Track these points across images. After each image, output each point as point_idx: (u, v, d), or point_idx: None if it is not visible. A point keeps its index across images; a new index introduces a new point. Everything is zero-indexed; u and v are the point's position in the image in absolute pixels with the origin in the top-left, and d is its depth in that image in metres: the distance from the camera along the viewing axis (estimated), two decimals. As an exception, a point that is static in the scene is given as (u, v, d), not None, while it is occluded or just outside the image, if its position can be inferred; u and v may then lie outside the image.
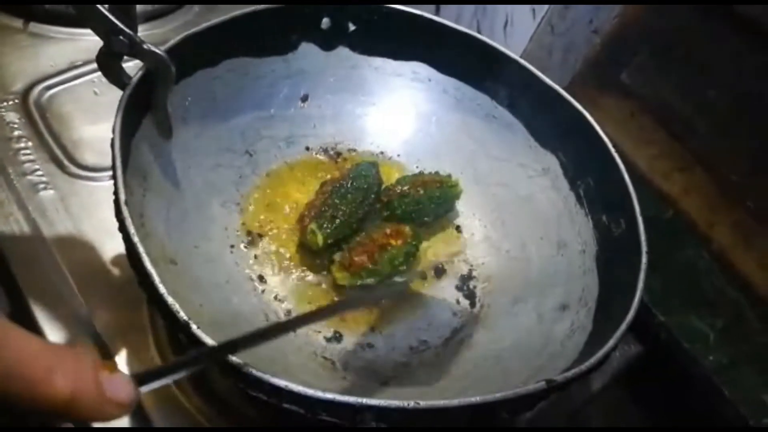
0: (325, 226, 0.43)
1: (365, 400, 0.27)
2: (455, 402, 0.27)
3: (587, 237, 0.43)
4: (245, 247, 0.43)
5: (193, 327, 0.27)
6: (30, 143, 0.50)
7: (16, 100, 0.52)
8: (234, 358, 0.27)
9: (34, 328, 0.41)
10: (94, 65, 0.54)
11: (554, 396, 0.36)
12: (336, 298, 0.43)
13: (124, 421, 0.39)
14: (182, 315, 0.28)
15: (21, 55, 0.55)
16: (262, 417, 0.39)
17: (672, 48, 0.54)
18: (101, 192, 0.48)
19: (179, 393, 0.40)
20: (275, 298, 0.42)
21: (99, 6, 0.34)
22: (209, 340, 0.27)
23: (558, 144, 0.46)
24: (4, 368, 0.18)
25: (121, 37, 0.36)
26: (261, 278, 0.42)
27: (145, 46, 0.36)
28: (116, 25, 0.35)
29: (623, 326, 0.33)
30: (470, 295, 0.45)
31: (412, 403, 0.27)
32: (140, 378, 0.22)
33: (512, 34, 0.65)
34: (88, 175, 0.49)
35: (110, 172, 0.48)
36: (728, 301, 0.51)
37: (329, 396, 0.26)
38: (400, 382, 0.38)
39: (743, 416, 0.46)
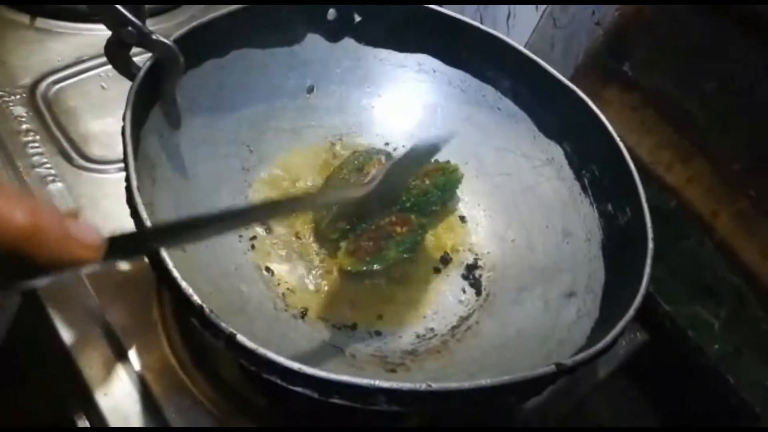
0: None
1: (378, 382, 0.27)
2: (466, 385, 0.27)
3: (592, 225, 0.43)
4: (253, 236, 0.44)
5: (207, 311, 0.28)
6: (38, 137, 0.50)
7: (24, 95, 0.52)
8: (247, 341, 0.27)
9: (47, 324, 0.41)
10: (101, 59, 0.56)
11: (563, 382, 0.36)
12: (344, 286, 0.43)
13: (136, 419, 0.39)
14: (196, 299, 0.28)
15: (28, 50, 0.56)
16: (272, 404, 0.40)
17: (674, 40, 0.55)
18: (109, 184, 0.49)
19: (189, 382, 0.40)
20: (283, 287, 0.42)
21: (109, -3, 0.34)
22: (223, 324, 0.28)
23: (563, 134, 0.47)
24: None
25: (129, 28, 0.36)
26: (268, 267, 0.42)
27: (153, 37, 0.37)
28: (125, 15, 0.36)
29: (631, 312, 0.33)
30: (476, 284, 0.45)
31: (423, 386, 0.27)
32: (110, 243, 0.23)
33: (515, 27, 0.65)
34: (96, 168, 0.49)
35: (118, 165, 0.50)
36: (732, 290, 0.51)
37: (342, 378, 0.27)
38: (408, 369, 0.39)
39: (748, 403, 0.46)
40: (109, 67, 0.55)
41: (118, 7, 0.35)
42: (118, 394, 0.39)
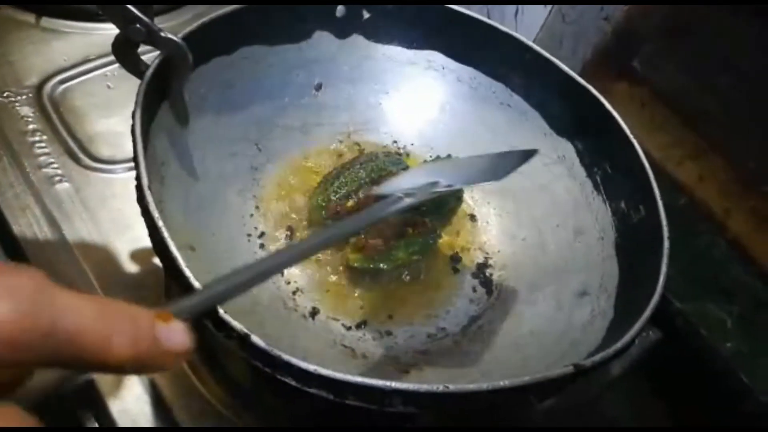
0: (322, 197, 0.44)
1: (394, 384, 0.26)
2: (485, 386, 0.27)
3: (605, 224, 0.43)
4: (261, 235, 0.43)
5: (221, 312, 0.27)
6: (45, 137, 0.50)
7: (30, 95, 0.52)
8: (261, 342, 0.27)
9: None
10: (107, 59, 0.55)
11: (578, 382, 0.36)
12: (353, 286, 0.42)
13: (147, 422, 0.39)
14: (208, 300, 0.28)
15: (34, 49, 0.55)
16: (283, 405, 0.39)
17: (683, 34, 0.54)
18: (116, 184, 0.48)
19: (200, 384, 0.40)
20: (293, 286, 0.41)
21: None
22: (237, 325, 0.27)
23: (574, 131, 0.46)
24: (64, 342, 0.17)
25: (137, 25, 0.36)
26: (279, 267, 0.42)
27: (162, 34, 0.36)
28: (134, 13, 0.35)
29: (648, 312, 0.33)
30: (487, 283, 0.45)
31: (441, 387, 0.27)
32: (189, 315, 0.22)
33: (523, 22, 0.64)
34: (102, 168, 0.49)
35: (125, 165, 0.49)
36: (745, 288, 0.50)
37: (358, 380, 0.26)
38: (420, 369, 0.38)
39: (762, 403, 0.46)
40: (116, 66, 0.55)
41: (126, 4, 0.35)
42: (129, 398, 0.39)
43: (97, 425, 0.41)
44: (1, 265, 0.18)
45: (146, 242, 0.36)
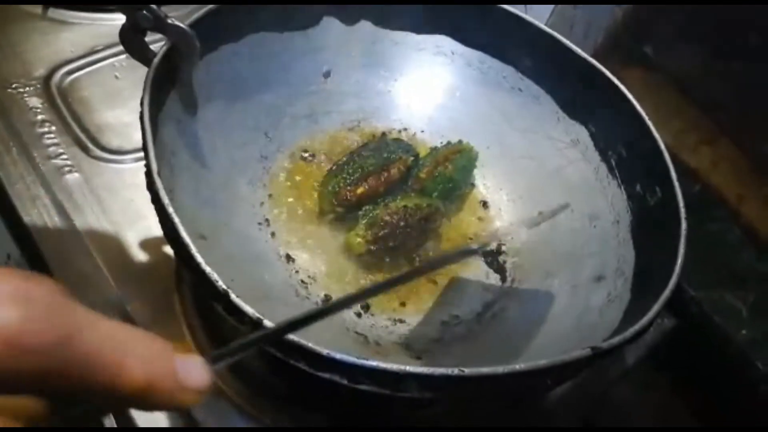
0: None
1: (409, 368, 0.26)
2: (500, 369, 0.27)
3: (620, 207, 0.42)
4: (272, 224, 0.43)
5: (232, 296, 0.27)
6: (54, 127, 0.50)
7: (39, 86, 0.52)
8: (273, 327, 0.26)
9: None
10: (115, 49, 0.55)
11: (591, 369, 0.35)
12: (365, 275, 0.42)
13: (162, 415, 0.39)
14: (221, 284, 0.27)
15: (41, 40, 0.55)
16: (294, 392, 0.39)
17: (696, 18, 0.53)
18: (126, 174, 0.48)
19: (219, 379, 0.40)
20: (304, 275, 0.41)
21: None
22: (249, 310, 0.27)
23: (587, 114, 0.45)
24: (77, 363, 0.16)
25: (145, 12, 0.35)
26: (289, 255, 0.42)
27: (169, 21, 0.36)
28: (140, -1, 0.35)
29: (667, 292, 0.32)
30: (500, 270, 0.44)
31: (456, 371, 0.26)
32: (213, 358, 0.21)
33: (533, 8, 0.63)
34: (112, 158, 0.49)
35: (134, 155, 0.49)
36: (759, 275, 0.50)
37: (372, 364, 0.26)
38: (434, 356, 0.38)
39: (779, 390, 0.45)
40: (123, 56, 0.55)
41: (134, -10, 0.35)
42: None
43: (115, 425, 0.41)
44: (22, 272, 0.17)
45: (157, 232, 0.35)
